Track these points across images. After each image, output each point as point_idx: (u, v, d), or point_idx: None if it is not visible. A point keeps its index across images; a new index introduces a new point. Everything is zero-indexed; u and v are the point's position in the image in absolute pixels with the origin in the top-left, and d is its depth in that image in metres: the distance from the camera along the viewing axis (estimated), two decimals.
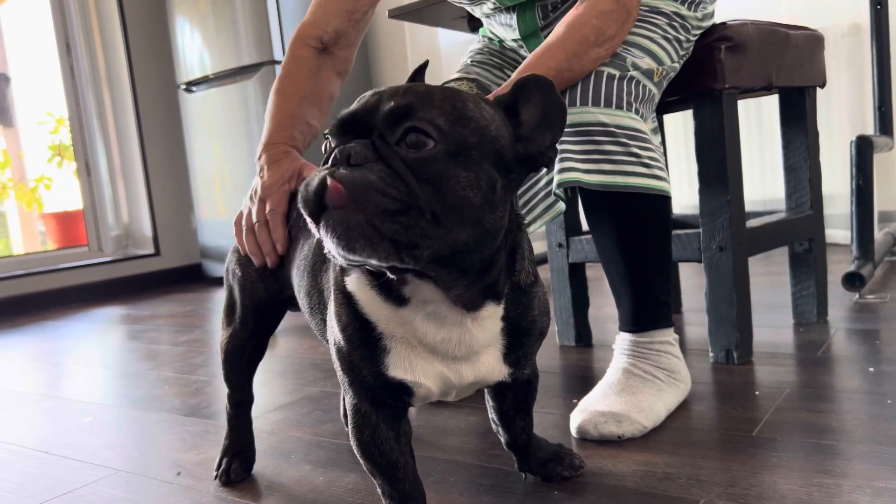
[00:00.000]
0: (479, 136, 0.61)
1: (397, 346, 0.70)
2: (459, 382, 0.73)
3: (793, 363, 1.32)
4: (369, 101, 0.62)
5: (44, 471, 1.16)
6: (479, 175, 0.60)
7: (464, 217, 0.59)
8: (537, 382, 0.90)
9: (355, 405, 0.75)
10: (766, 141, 2.68)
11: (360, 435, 0.75)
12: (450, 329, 0.69)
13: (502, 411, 0.90)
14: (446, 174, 0.58)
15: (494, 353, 0.74)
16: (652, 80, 1.11)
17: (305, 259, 0.88)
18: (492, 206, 0.61)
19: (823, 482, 0.85)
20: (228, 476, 1.04)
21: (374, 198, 0.56)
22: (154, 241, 3.67)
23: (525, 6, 1.24)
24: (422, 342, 0.70)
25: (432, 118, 0.59)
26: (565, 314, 1.60)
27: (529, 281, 0.73)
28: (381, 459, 0.75)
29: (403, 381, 0.71)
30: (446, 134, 0.59)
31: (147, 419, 1.40)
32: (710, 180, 1.31)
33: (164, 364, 1.86)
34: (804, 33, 1.47)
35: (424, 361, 0.71)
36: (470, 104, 0.62)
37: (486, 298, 0.69)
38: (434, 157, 0.58)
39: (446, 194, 0.58)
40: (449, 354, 0.71)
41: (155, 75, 3.67)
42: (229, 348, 1.04)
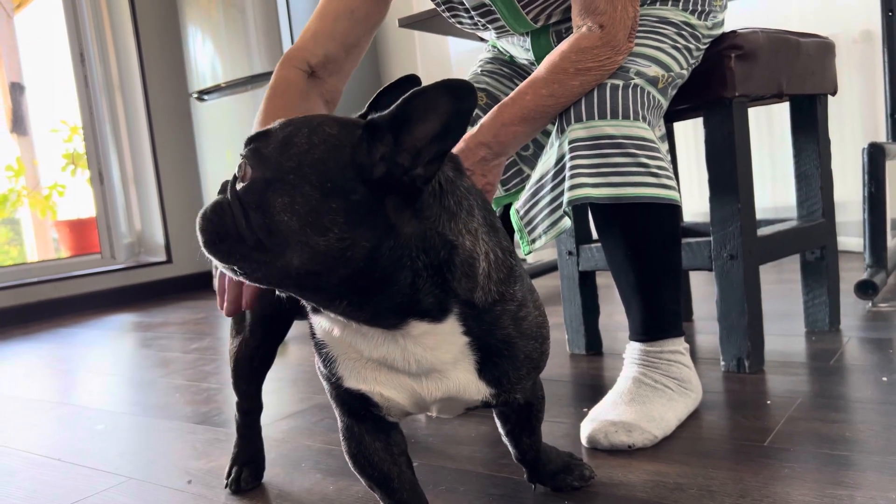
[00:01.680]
0: (296, 161, 0.62)
1: (343, 358, 0.72)
2: (429, 397, 0.72)
3: (805, 372, 1.31)
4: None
5: (56, 478, 1.17)
6: (295, 199, 0.61)
7: (288, 240, 0.61)
8: (541, 405, 0.88)
9: (341, 419, 0.77)
10: (777, 148, 2.67)
11: (348, 448, 0.77)
12: (387, 347, 0.68)
13: (506, 429, 0.90)
14: (264, 201, 0.62)
15: (464, 370, 0.71)
16: (656, 86, 1.11)
17: None
18: (318, 228, 0.60)
19: (836, 493, 0.84)
20: (238, 484, 1.04)
21: (203, 226, 0.65)
22: (166, 249, 3.70)
23: (539, 31, 1.24)
24: (364, 356, 0.70)
25: (260, 148, 0.64)
26: (575, 322, 1.60)
27: (489, 299, 0.69)
28: (372, 471, 0.76)
29: (360, 391, 0.72)
30: (264, 161, 0.63)
31: (158, 427, 1.41)
32: (721, 188, 1.31)
33: (176, 372, 1.87)
34: (815, 41, 1.47)
35: (377, 372, 0.71)
36: (304, 130, 0.64)
37: (407, 317, 0.66)
38: (251, 186, 0.63)
39: (266, 220, 0.62)
40: (402, 370, 0.70)
41: (167, 84, 3.70)
42: (238, 357, 1.04)
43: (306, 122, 0.65)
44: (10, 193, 3.93)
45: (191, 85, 3.47)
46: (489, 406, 0.77)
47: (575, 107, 1.07)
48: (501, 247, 0.73)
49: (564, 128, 1.08)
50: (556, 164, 1.10)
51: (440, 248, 0.66)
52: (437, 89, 0.61)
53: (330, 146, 0.63)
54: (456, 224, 0.67)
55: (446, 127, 0.62)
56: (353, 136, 0.63)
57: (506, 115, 0.99)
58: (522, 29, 1.23)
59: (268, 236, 0.61)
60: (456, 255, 0.67)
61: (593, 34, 1.03)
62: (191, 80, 3.46)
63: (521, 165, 1.32)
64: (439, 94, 0.61)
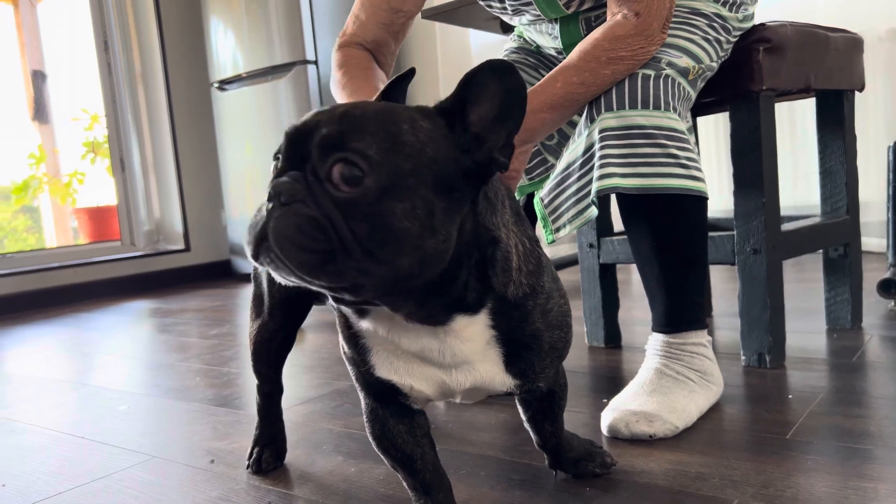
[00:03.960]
0: (413, 162, 0.58)
1: (377, 347, 0.71)
2: (457, 387, 0.72)
3: (826, 369, 1.31)
4: (308, 123, 0.60)
5: (81, 455, 1.19)
6: (415, 203, 0.58)
7: (403, 248, 0.57)
8: (563, 392, 0.89)
9: (365, 401, 0.77)
10: (799, 147, 2.65)
11: (372, 430, 0.78)
12: (427, 339, 0.68)
13: (529, 416, 0.90)
14: (381, 210, 0.57)
15: (492, 362, 0.72)
16: (687, 78, 1.11)
17: None
18: (431, 230, 0.59)
19: (860, 486, 0.84)
20: (260, 465, 1.05)
21: (294, 251, 0.56)
22: (184, 237, 3.72)
23: (569, 18, 1.24)
24: (402, 349, 0.70)
25: (363, 149, 0.57)
26: (595, 315, 1.60)
27: (521, 293, 0.70)
28: (396, 453, 0.77)
29: (390, 381, 0.72)
30: (378, 166, 0.57)
31: (180, 408, 1.42)
32: (746, 183, 1.30)
33: (195, 356, 1.89)
34: (844, 36, 1.46)
35: (409, 364, 0.71)
36: (405, 126, 0.60)
37: (454, 312, 0.66)
38: (365, 195, 0.56)
39: (381, 230, 0.57)
40: (436, 362, 0.70)
41: (189, 73, 3.73)
42: (258, 340, 1.05)
43: (395, 113, 0.61)
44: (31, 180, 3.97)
45: (212, 74, 3.49)
46: (512, 395, 0.78)
47: (606, 96, 1.07)
48: (528, 236, 0.73)
49: (594, 117, 1.08)
50: (584, 153, 1.10)
51: (487, 243, 0.66)
52: (482, 71, 0.61)
53: (434, 142, 0.61)
54: (495, 217, 0.67)
55: (501, 108, 0.62)
56: (442, 127, 0.62)
57: (535, 101, 1.00)
58: (554, 14, 1.23)
59: (380, 246, 0.57)
60: (497, 249, 0.67)
61: (628, 22, 1.03)
62: (212, 69, 3.48)
63: (546, 154, 1.32)
64: (485, 75, 0.61)
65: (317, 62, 3.14)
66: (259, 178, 3.37)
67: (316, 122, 0.59)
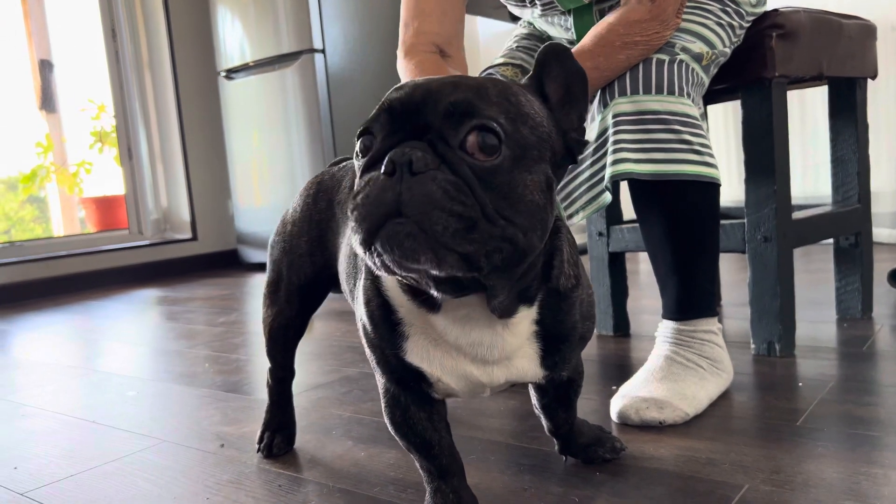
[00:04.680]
0: (536, 135, 0.59)
1: (416, 335, 0.69)
2: (490, 383, 0.72)
3: (836, 357, 1.30)
4: (416, 94, 0.57)
5: (92, 439, 1.19)
6: (539, 176, 0.58)
7: (533, 219, 0.57)
8: (581, 379, 0.89)
9: (385, 386, 0.76)
10: (809, 137, 2.63)
11: (392, 415, 0.76)
12: (481, 333, 0.67)
13: (543, 403, 0.90)
14: (514, 180, 0.56)
15: (529, 356, 0.71)
16: (700, 63, 1.10)
17: (349, 242, 0.88)
18: (551, 205, 0.59)
19: (871, 471, 0.84)
20: (271, 449, 1.05)
21: (443, 218, 0.52)
22: (192, 226, 3.73)
23: (583, 9, 1.23)
24: (447, 341, 0.68)
25: (495, 117, 0.55)
26: (604, 303, 1.59)
27: (570, 285, 0.70)
28: (415, 438, 0.76)
29: (420, 368, 0.70)
30: (510, 136, 0.56)
31: (189, 394, 1.43)
32: (757, 170, 1.29)
33: (203, 343, 1.90)
34: (857, 23, 1.44)
35: (446, 356, 0.69)
36: (522, 98, 0.59)
37: (520, 304, 0.66)
38: (502, 164, 0.55)
39: (516, 200, 0.55)
40: (481, 357, 0.69)
41: (196, 62, 3.73)
42: (274, 326, 1.05)
43: (508, 85, 0.60)
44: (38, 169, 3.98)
45: (219, 63, 3.48)
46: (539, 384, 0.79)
47: (619, 80, 1.06)
48: (566, 225, 0.73)
49: (608, 101, 1.07)
50: (597, 138, 1.09)
51: (555, 231, 0.66)
52: (545, 54, 0.63)
53: (546, 118, 0.61)
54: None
55: (567, 89, 0.64)
56: (543, 105, 0.62)
57: None
58: (571, 5, 1.22)
59: (516, 216, 0.55)
60: (559, 238, 0.67)
61: (643, 7, 1.03)
62: (219, 58, 3.48)
63: None
64: (549, 58, 0.63)
65: (324, 51, 3.14)
66: (266, 168, 3.38)
67: (427, 92, 0.57)
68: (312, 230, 0.99)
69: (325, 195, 0.99)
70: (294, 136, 3.23)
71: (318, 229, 0.98)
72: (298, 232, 1.01)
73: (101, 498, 0.95)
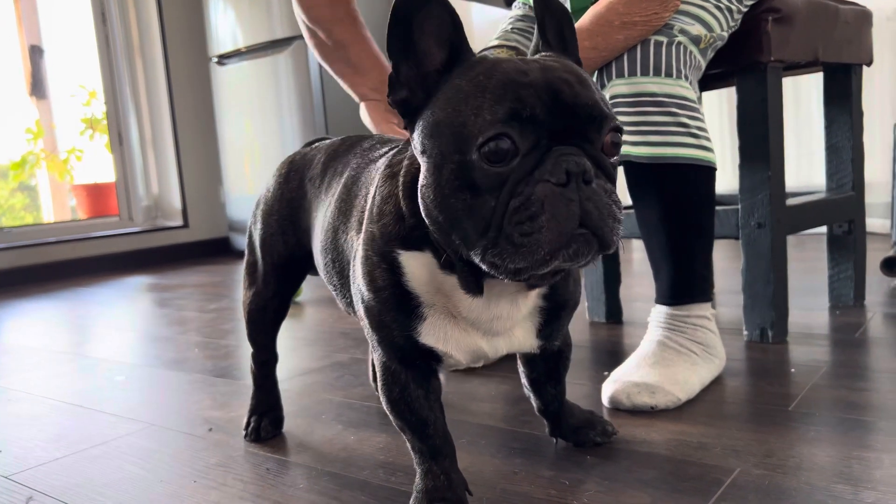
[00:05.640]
0: None
1: (434, 316, 0.70)
2: (494, 355, 0.74)
3: (829, 344, 1.30)
4: (566, 91, 0.57)
5: (79, 423, 1.18)
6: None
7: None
8: (570, 352, 0.89)
9: (384, 363, 0.75)
10: (804, 125, 2.63)
11: (389, 392, 0.76)
12: (502, 307, 0.70)
13: (532, 378, 0.90)
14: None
15: (529, 326, 0.75)
16: (698, 46, 1.09)
17: (325, 217, 0.87)
18: None
19: (864, 455, 0.84)
20: (259, 433, 1.04)
21: (615, 227, 0.57)
22: (183, 214, 3.71)
23: None
24: (467, 318, 0.70)
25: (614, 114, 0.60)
26: (596, 290, 1.58)
27: None
28: (411, 416, 0.76)
29: (434, 348, 0.71)
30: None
31: (178, 379, 1.42)
32: (752, 156, 1.29)
33: (193, 329, 1.88)
34: (853, 9, 1.44)
35: (461, 333, 0.71)
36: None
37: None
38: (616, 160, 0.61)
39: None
40: (492, 331, 0.71)
41: (188, 47, 3.69)
42: (252, 308, 1.04)
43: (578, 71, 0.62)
44: (28, 156, 3.94)
45: (211, 49, 3.45)
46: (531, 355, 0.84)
47: (617, 62, 1.05)
48: None
49: (605, 82, 1.06)
50: None
51: None
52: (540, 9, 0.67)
53: None
54: None
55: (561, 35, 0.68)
56: None
57: None
58: None
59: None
60: None
61: None
62: (211, 43, 3.45)
63: None
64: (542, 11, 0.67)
65: None
66: (258, 155, 3.35)
67: (571, 93, 0.57)
68: (283, 209, 0.99)
69: (297, 174, 0.99)
70: (286, 123, 3.21)
71: (290, 208, 0.98)
72: (269, 210, 1.01)
73: (86, 481, 0.94)
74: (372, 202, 0.73)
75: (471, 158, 0.56)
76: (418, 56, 0.60)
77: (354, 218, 0.79)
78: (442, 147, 0.58)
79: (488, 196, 0.56)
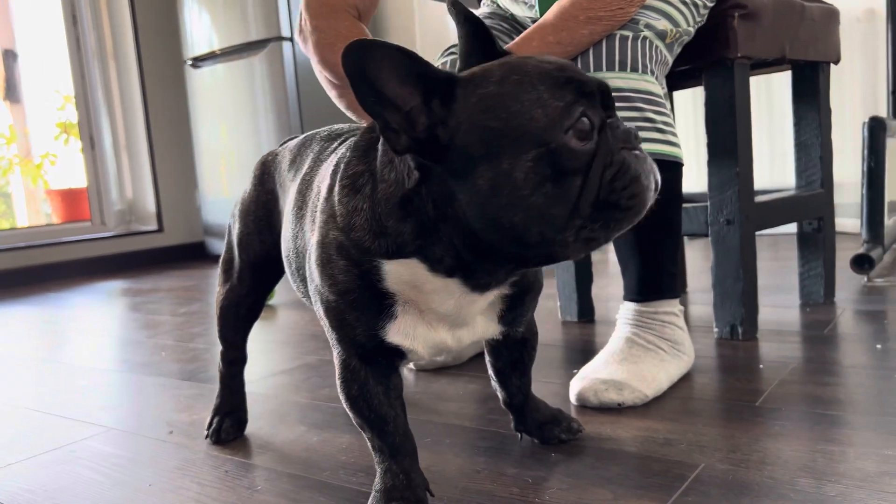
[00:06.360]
0: None
1: (406, 315, 0.70)
2: (457, 346, 0.74)
3: (798, 340, 1.30)
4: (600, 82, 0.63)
5: (36, 428, 1.15)
6: None
7: None
8: (535, 341, 0.89)
9: (344, 360, 0.74)
10: (777, 125, 2.65)
11: (348, 389, 0.74)
12: (472, 297, 0.69)
13: (498, 367, 0.89)
14: None
15: (489, 317, 0.75)
16: (664, 41, 1.08)
17: (287, 223, 0.86)
18: None
19: (828, 449, 0.83)
20: (220, 435, 1.02)
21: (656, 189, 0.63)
22: (157, 218, 3.66)
23: None
24: (438, 312, 0.69)
25: None
26: (568, 289, 1.58)
27: None
28: (370, 413, 0.74)
29: (400, 346, 0.70)
30: None
31: (143, 383, 1.39)
32: (720, 152, 1.28)
33: (164, 333, 1.85)
34: (819, 6, 1.44)
35: (427, 328, 0.71)
36: None
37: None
38: None
39: None
40: (459, 321, 0.71)
41: (161, 50, 3.65)
42: (225, 304, 1.02)
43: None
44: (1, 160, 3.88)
45: (185, 51, 3.42)
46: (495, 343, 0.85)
47: (582, 57, 1.04)
48: None
49: None
50: None
51: None
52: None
53: None
54: None
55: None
56: None
57: None
58: None
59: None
60: None
61: None
62: (185, 46, 3.41)
63: None
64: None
65: (293, 38, 3.09)
66: (234, 157, 3.32)
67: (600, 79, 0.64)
68: (259, 210, 0.98)
69: (269, 176, 0.98)
70: (262, 125, 3.18)
71: (265, 209, 0.97)
72: (247, 210, 1.00)
73: (36, 487, 0.91)
74: (328, 206, 0.70)
75: (557, 145, 0.57)
76: (394, 101, 0.59)
77: (308, 219, 0.78)
78: (509, 152, 0.57)
79: (574, 177, 0.58)
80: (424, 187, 0.61)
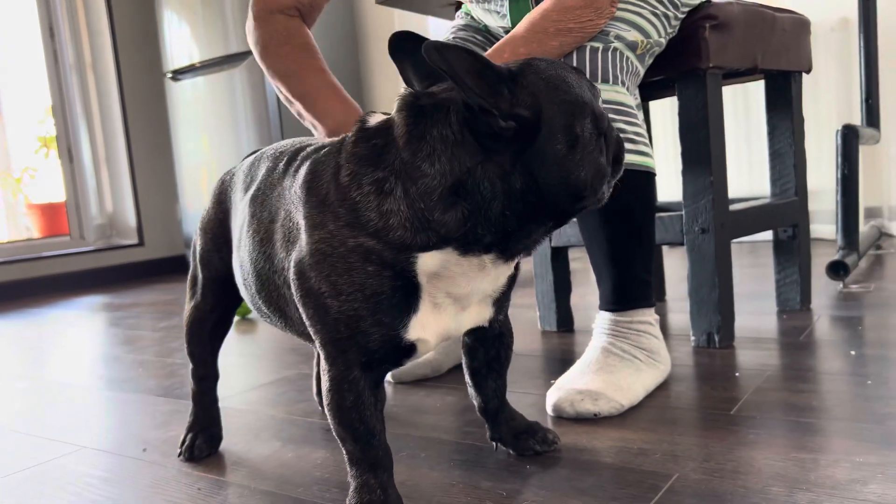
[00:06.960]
0: None
1: (424, 307, 0.71)
2: (457, 331, 0.76)
3: (775, 347, 1.31)
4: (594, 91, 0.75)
5: (9, 447, 1.13)
6: None
7: None
8: (511, 339, 0.90)
9: (342, 372, 0.72)
10: (754, 135, 2.67)
11: (342, 401, 0.73)
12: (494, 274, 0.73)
13: (474, 368, 0.89)
14: None
15: (487, 298, 0.78)
16: (635, 52, 1.09)
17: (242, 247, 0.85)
18: None
19: (800, 457, 0.83)
20: (192, 452, 1.01)
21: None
22: (138, 232, 3.63)
23: None
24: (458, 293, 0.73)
25: None
26: (547, 299, 1.58)
27: None
28: (361, 425, 0.74)
29: (417, 339, 0.72)
30: None
31: (119, 399, 1.37)
32: (694, 161, 1.29)
33: (143, 348, 1.83)
34: (790, 17, 1.46)
35: (437, 317, 0.73)
36: None
37: None
38: None
39: None
40: (466, 303, 0.75)
41: (141, 62, 3.64)
42: (191, 321, 1.02)
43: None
44: None
45: (165, 64, 3.40)
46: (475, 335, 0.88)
47: None
48: None
49: None
50: None
51: None
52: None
53: None
54: None
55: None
56: None
57: None
58: None
59: None
60: None
61: None
62: (165, 58, 3.40)
63: None
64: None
65: None
66: (215, 170, 3.30)
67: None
68: (216, 228, 0.98)
69: (226, 195, 0.98)
70: (243, 138, 3.17)
71: (222, 227, 0.97)
72: (206, 228, 1.00)
73: None
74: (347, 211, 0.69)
75: (598, 111, 0.71)
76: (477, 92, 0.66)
77: (280, 241, 0.77)
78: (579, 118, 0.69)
79: (601, 138, 0.70)
80: (481, 167, 0.65)
